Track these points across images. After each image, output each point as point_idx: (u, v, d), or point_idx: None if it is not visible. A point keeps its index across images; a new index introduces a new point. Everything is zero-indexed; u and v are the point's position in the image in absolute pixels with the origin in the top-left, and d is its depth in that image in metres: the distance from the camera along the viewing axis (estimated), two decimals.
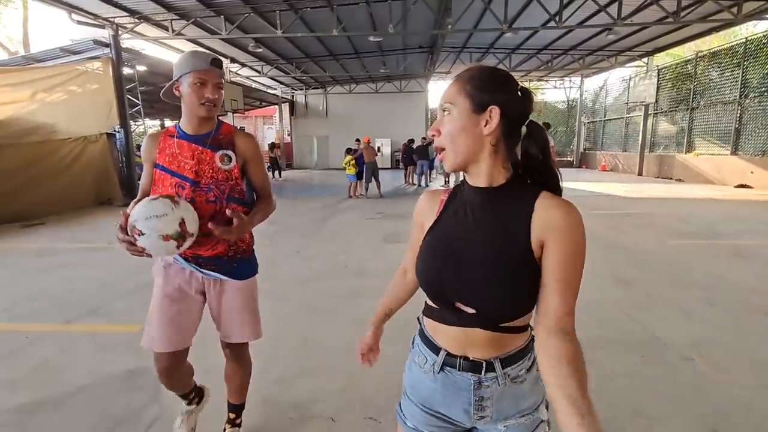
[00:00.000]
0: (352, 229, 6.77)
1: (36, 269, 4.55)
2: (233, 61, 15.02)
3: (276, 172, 16.22)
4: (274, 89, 20.53)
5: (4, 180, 7.22)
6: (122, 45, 9.63)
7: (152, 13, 9.47)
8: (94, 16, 9.04)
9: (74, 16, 8.79)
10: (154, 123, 19.10)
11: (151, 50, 13.40)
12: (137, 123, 11.40)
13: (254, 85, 18.70)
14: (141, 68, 10.77)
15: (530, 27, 11.13)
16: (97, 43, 9.34)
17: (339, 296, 3.65)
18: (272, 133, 26.65)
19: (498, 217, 0.81)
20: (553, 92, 24.66)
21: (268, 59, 15.57)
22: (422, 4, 9.91)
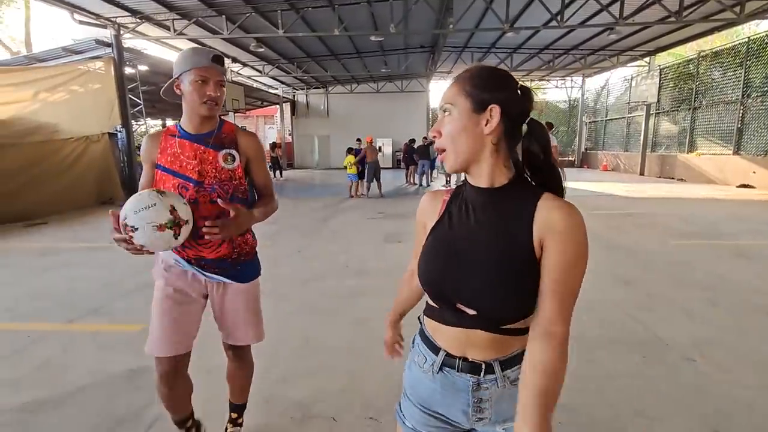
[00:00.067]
0: (353, 228, 6.78)
1: (38, 268, 4.56)
2: (235, 60, 15.03)
3: (277, 172, 16.26)
4: (276, 89, 20.55)
5: (7, 180, 7.24)
6: (124, 45, 9.67)
7: (154, 12, 9.49)
8: (96, 15, 9.07)
9: (76, 16, 8.82)
10: (155, 123, 19.14)
11: (153, 50, 13.51)
12: (139, 123, 11.43)
13: (255, 85, 18.73)
14: (143, 68, 10.81)
15: (532, 26, 11.12)
16: (99, 42, 9.36)
17: (340, 296, 3.65)
18: (273, 132, 26.66)
19: (500, 218, 0.80)
20: (555, 92, 24.62)
21: (269, 59, 15.59)
22: (423, 3, 9.90)
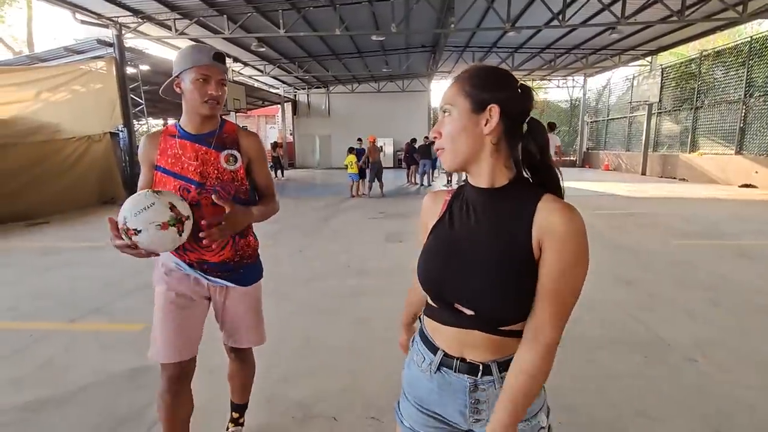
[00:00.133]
0: (354, 228, 6.78)
1: (40, 268, 4.57)
2: (236, 60, 15.04)
3: (278, 172, 16.27)
4: (277, 88, 20.57)
5: (9, 179, 7.26)
6: (125, 44, 9.69)
7: (155, 12, 9.51)
8: (98, 15, 9.09)
9: (78, 16, 8.84)
10: (157, 122, 19.16)
11: (154, 50, 13.47)
12: (140, 122, 11.45)
13: (257, 85, 18.74)
14: (144, 67, 10.83)
15: (533, 26, 11.11)
16: (101, 42, 9.39)
17: (341, 296, 3.66)
18: (275, 132, 26.68)
19: (499, 218, 0.80)
20: (556, 91, 24.58)
21: (270, 58, 15.60)
22: (425, 3, 9.89)
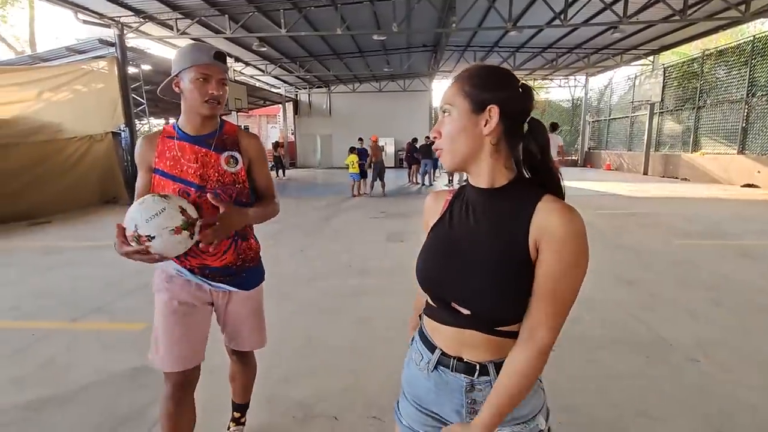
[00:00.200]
0: (355, 228, 6.78)
1: (43, 267, 4.59)
2: (237, 60, 15.05)
3: (280, 171, 16.29)
4: (278, 88, 20.57)
5: (11, 179, 7.28)
6: (127, 44, 9.69)
7: (157, 12, 9.52)
8: (100, 15, 9.10)
9: (80, 16, 8.86)
10: (159, 122, 19.19)
11: (156, 49, 13.49)
12: (142, 122, 11.48)
13: (258, 84, 18.75)
14: (146, 67, 10.85)
15: (535, 25, 11.08)
16: (103, 42, 9.40)
17: (342, 295, 3.66)
18: (276, 132, 26.71)
19: (498, 219, 0.80)
20: (558, 91, 24.59)
21: (272, 58, 15.61)
22: (426, 2, 9.88)
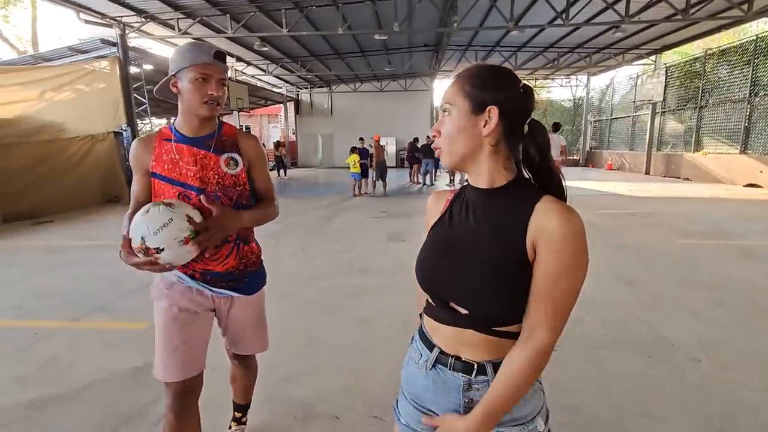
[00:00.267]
0: (356, 227, 6.78)
1: (45, 266, 4.60)
2: (239, 59, 15.07)
3: (281, 171, 16.30)
4: (280, 88, 20.58)
5: (14, 178, 7.31)
6: (129, 44, 9.70)
7: (159, 12, 9.53)
8: (102, 15, 9.12)
9: (82, 16, 8.87)
10: (160, 122, 19.21)
11: (158, 49, 13.48)
12: (144, 122, 11.49)
13: (259, 84, 18.75)
14: (148, 67, 10.86)
15: (536, 25, 11.06)
16: (105, 42, 9.41)
17: (344, 295, 3.66)
18: (277, 131, 26.75)
19: (496, 219, 0.80)
20: (560, 90, 24.58)
21: (273, 58, 15.61)
22: (428, 2, 9.88)
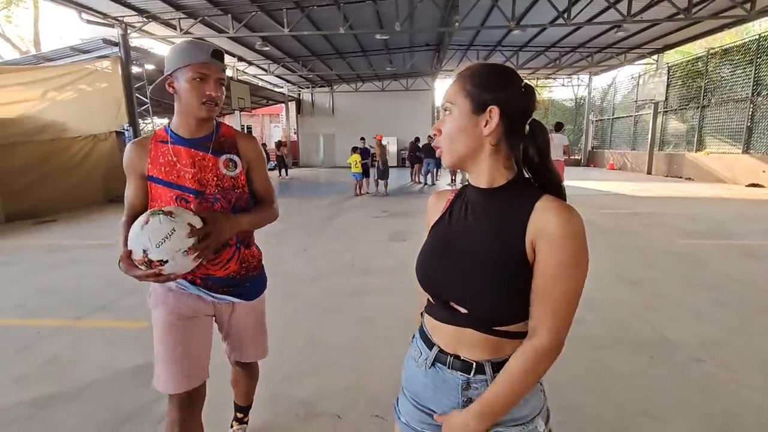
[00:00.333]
0: (358, 227, 6.78)
1: (47, 265, 4.62)
2: (240, 59, 15.08)
3: (283, 171, 16.32)
4: (281, 87, 20.60)
5: (17, 177, 7.33)
6: (131, 44, 9.73)
7: (160, 12, 9.54)
8: (104, 15, 9.14)
9: (84, 16, 8.89)
10: (162, 121, 19.25)
11: (159, 49, 13.50)
12: (146, 121, 11.51)
13: (261, 84, 18.77)
14: (149, 67, 10.89)
15: (538, 24, 11.06)
16: (107, 42, 9.44)
17: (345, 294, 3.66)
18: (279, 131, 26.76)
19: (496, 219, 0.80)
20: (561, 90, 24.42)
21: (274, 57, 15.62)
22: (429, 1, 9.87)
